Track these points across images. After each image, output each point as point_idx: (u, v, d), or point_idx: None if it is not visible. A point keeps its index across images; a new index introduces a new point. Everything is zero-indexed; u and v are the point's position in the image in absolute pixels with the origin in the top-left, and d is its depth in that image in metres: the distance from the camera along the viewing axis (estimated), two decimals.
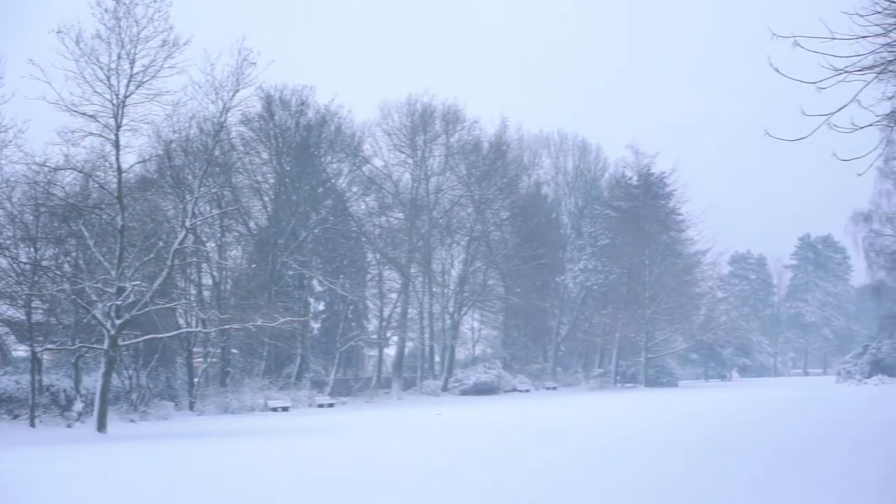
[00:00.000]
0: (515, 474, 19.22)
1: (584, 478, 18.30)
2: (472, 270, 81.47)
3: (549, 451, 24.63)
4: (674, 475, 18.38)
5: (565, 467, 20.41)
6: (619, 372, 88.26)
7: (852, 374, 77.03)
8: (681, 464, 20.39)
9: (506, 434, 31.90)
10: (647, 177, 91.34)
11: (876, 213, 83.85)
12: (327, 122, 69.16)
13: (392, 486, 18.16)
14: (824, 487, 15.78)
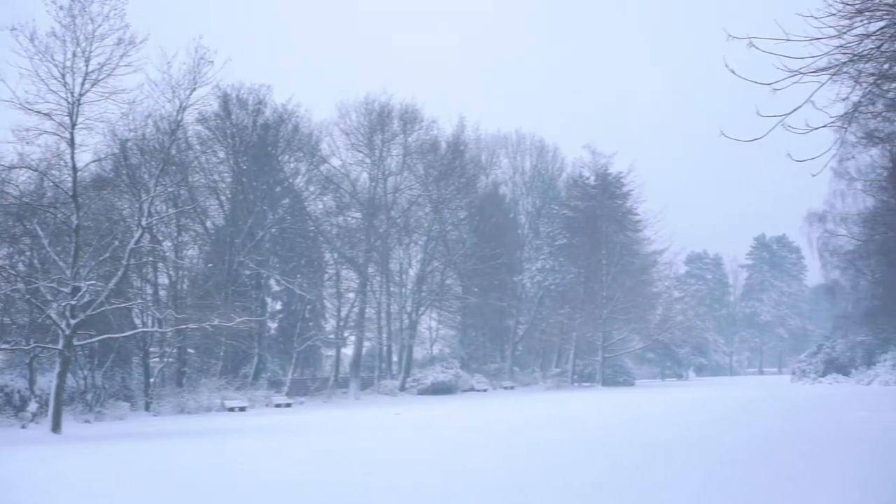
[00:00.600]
0: (464, 473, 19.21)
1: (531, 476, 18.33)
2: (429, 270, 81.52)
3: (499, 449, 24.65)
4: (624, 473, 18.45)
5: (514, 465, 20.43)
6: (576, 371, 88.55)
7: (807, 373, 77.65)
8: (631, 462, 20.47)
9: (461, 433, 31.91)
10: (604, 177, 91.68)
11: (830, 213, 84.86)
12: (285, 122, 68.88)
13: (345, 485, 18.10)
14: (781, 486, 15.89)
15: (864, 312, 77.06)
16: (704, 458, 20.99)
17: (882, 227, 62.47)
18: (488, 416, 42.98)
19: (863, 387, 65.12)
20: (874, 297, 75.35)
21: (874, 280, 74.74)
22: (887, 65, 16.98)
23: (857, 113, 17.53)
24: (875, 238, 67.86)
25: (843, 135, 16.34)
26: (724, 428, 29.90)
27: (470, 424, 37.09)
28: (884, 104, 24.39)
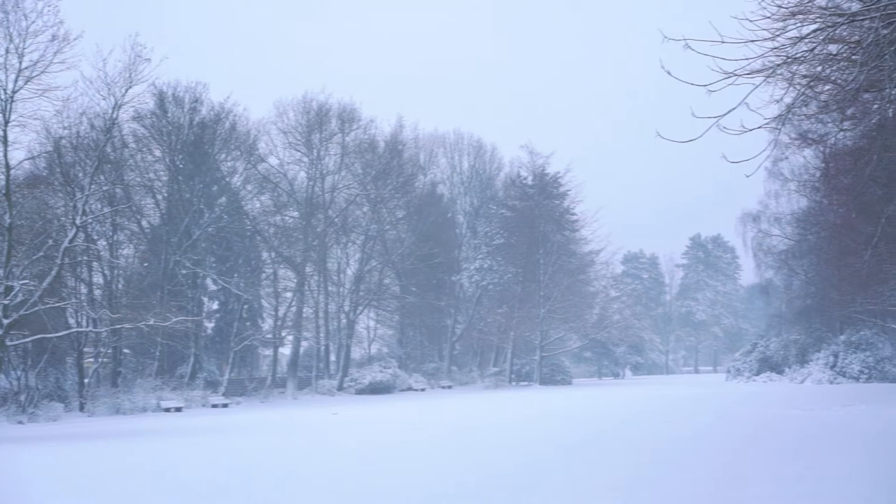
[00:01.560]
0: (392, 475, 19.22)
1: (458, 475, 18.37)
2: (367, 269, 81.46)
3: (431, 448, 24.68)
4: (540, 471, 18.52)
5: (441, 463, 20.47)
6: (513, 370, 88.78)
7: (741, 371, 78.33)
8: (549, 460, 20.56)
9: (397, 433, 31.89)
10: (541, 177, 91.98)
11: (764, 213, 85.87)
12: (222, 120, 68.52)
13: (278, 486, 18.04)
14: (702, 484, 16.04)
15: (798, 311, 78.01)
16: (629, 454, 21.13)
17: (815, 227, 63.20)
18: (423, 415, 42.98)
19: (796, 385, 65.85)
20: (807, 296, 76.29)
21: (807, 279, 75.66)
22: (820, 67, 17.22)
23: (790, 114, 17.74)
24: (808, 238, 68.68)
25: (777, 136, 16.52)
26: (658, 425, 30.10)
27: (406, 424, 37.07)
28: (816, 106, 24.72)
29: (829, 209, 53.74)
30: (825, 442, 22.47)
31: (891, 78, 14.33)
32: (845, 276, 50.62)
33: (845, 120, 27.08)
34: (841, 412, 32.88)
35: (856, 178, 37.41)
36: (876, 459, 18.12)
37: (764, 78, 15.11)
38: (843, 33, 16.02)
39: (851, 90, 16.75)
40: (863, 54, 14.39)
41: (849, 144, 40.61)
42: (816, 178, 56.87)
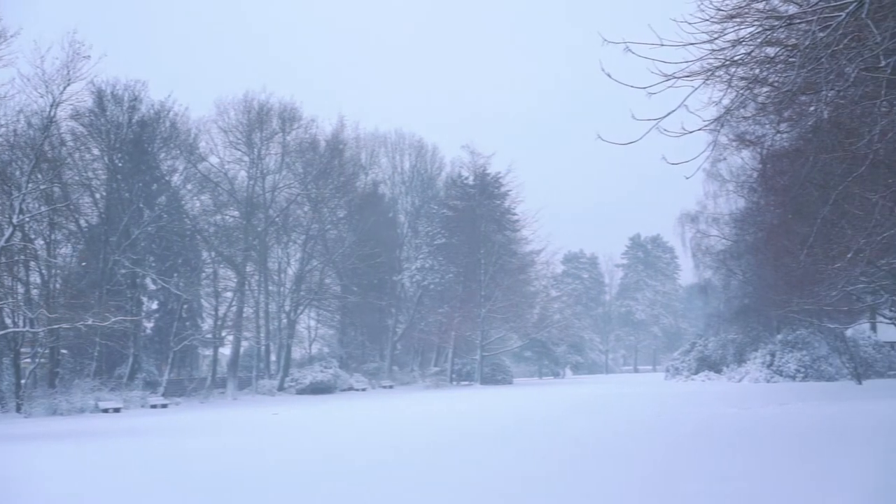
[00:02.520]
0: (334, 474, 19.23)
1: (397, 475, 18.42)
2: (308, 269, 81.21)
3: (368, 448, 24.70)
4: (466, 468, 18.61)
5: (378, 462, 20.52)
6: (454, 370, 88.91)
7: (680, 370, 79.01)
8: (469, 457, 20.67)
9: (335, 433, 31.85)
10: (482, 177, 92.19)
11: (702, 214, 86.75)
12: (161, 119, 68.05)
13: (211, 486, 17.97)
14: (641, 480, 16.19)
15: (736, 311, 78.72)
16: (566, 449, 21.25)
17: (752, 227, 63.83)
18: (363, 415, 42.97)
19: (734, 384, 66.55)
20: (745, 296, 77.02)
21: (745, 279, 76.39)
22: (758, 69, 17.44)
23: (728, 116, 17.96)
24: (745, 238, 69.34)
25: (716, 137, 16.73)
26: (597, 422, 30.30)
27: (345, 423, 37.04)
28: (754, 108, 25.03)
29: (766, 210, 54.33)
30: (762, 440, 22.76)
31: (827, 80, 14.54)
32: (782, 276, 51.13)
33: (782, 122, 27.44)
34: (778, 410, 33.31)
35: (792, 180, 37.88)
36: (811, 456, 18.39)
37: (703, 80, 15.30)
38: (781, 36, 16.25)
39: (788, 92, 17.00)
40: (800, 57, 14.60)
41: (785, 146, 41.12)
42: (754, 179, 57.52)
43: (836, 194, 25.40)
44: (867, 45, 13.74)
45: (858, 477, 15.10)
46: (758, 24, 15.44)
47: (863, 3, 12.59)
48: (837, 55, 14.14)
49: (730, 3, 16.03)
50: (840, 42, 13.74)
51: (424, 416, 39.93)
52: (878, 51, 13.55)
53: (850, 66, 14.29)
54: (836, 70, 14.55)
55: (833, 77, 14.64)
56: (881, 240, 30.44)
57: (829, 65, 14.18)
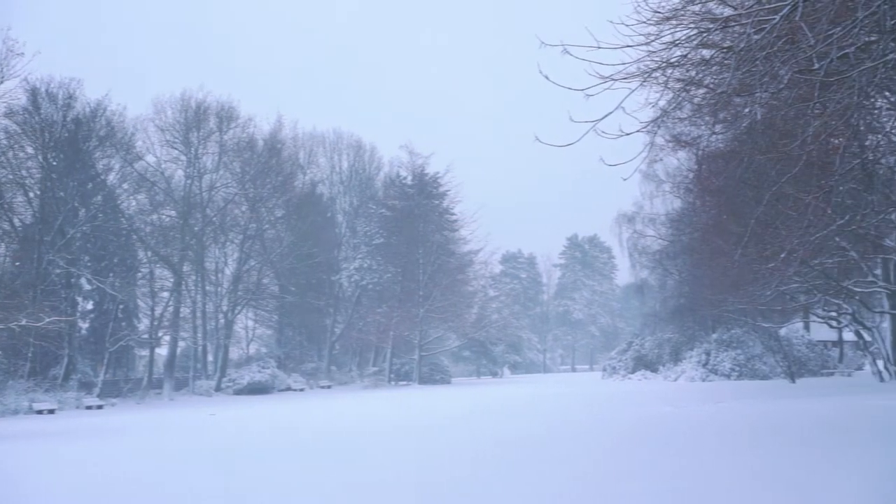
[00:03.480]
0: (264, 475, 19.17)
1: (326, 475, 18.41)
2: (246, 269, 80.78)
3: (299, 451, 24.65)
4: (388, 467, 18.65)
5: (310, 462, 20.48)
6: (393, 370, 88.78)
7: (617, 369, 79.50)
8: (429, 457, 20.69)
9: (271, 433, 31.73)
10: (421, 177, 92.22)
11: (639, 214, 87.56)
12: (97, 117, 67.35)
13: (143, 488, 17.86)
14: (581, 480, 16.26)
15: (672, 310, 79.37)
16: (506, 449, 21.30)
17: (688, 227, 64.45)
18: (300, 415, 42.82)
19: (670, 382, 67.11)
20: (681, 295, 77.66)
21: (681, 279, 77.03)
22: (694, 71, 17.63)
23: (665, 118, 18.14)
24: (681, 238, 69.97)
25: (653, 139, 16.90)
26: (535, 422, 30.40)
27: (280, 424, 36.89)
28: (690, 109, 25.30)
29: (702, 210, 54.87)
30: (699, 438, 22.98)
31: (761, 82, 14.74)
32: (717, 275, 51.69)
33: (718, 123, 27.77)
34: (714, 409, 33.62)
35: (727, 180, 38.32)
36: (748, 453, 18.60)
37: (640, 82, 15.42)
38: (716, 38, 16.43)
39: (723, 94, 17.21)
40: (734, 59, 14.77)
41: (721, 147, 41.57)
42: (690, 179, 58.12)
43: (770, 195, 25.75)
44: (801, 47, 13.94)
45: (795, 474, 15.30)
46: (693, 26, 15.62)
47: (796, 5, 12.78)
48: (772, 57, 14.33)
49: (666, 5, 16.20)
50: (774, 44, 13.93)
51: (359, 416, 39.87)
52: (811, 53, 13.75)
53: (784, 69, 14.49)
54: (770, 72, 14.75)
55: (767, 79, 14.83)
56: (814, 240, 30.87)
57: (763, 67, 14.37)
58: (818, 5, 14.10)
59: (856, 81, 15.11)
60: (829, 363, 71.48)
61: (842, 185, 28.91)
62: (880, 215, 35.12)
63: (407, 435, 27.86)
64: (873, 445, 18.78)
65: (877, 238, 38.53)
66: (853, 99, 16.28)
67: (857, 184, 32.55)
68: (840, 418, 25.95)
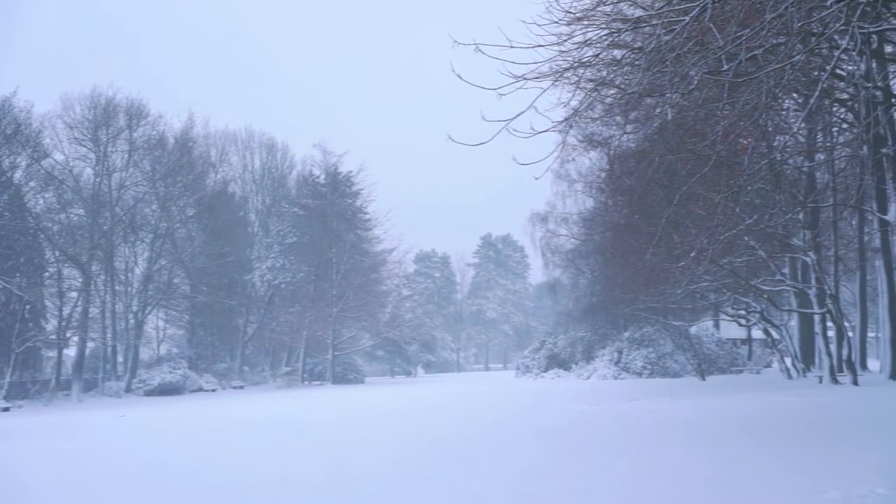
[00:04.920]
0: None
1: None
2: (156, 269, 79.76)
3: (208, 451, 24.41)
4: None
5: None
6: (306, 370, 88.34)
7: (530, 368, 79.82)
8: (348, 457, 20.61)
9: (179, 434, 31.39)
10: (334, 175, 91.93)
11: (552, 213, 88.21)
12: (4, 114, 66.03)
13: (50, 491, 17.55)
14: (496, 479, 16.25)
15: (584, 309, 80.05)
16: (427, 449, 21.26)
17: (600, 227, 65.08)
18: (210, 416, 42.44)
19: (582, 381, 67.54)
20: (593, 294, 78.37)
21: (593, 278, 77.73)
22: (605, 72, 17.74)
23: (577, 118, 18.22)
24: (593, 238, 70.64)
25: (565, 138, 16.98)
26: (452, 421, 30.40)
27: (193, 425, 36.51)
28: (602, 109, 25.48)
29: (614, 210, 55.42)
30: (613, 436, 23.11)
31: (672, 83, 14.85)
32: (629, 274, 52.20)
33: (629, 123, 28.02)
34: (626, 407, 33.87)
35: (638, 180, 38.69)
36: (659, 451, 18.74)
37: (552, 82, 15.48)
38: (627, 39, 16.55)
39: (634, 94, 17.33)
40: (645, 60, 14.87)
41: (632, 147, 42.02)
42: (601, 179, 58.64)
43: (681, 195, 26.02)
44: (710, 49, 14.07)
45: (708, 470, 15.43)
46: (604, 26, 15.70)
47: (706, 7, 12.89)
48: (682, 58, 14.45)
49: (578, 6, 16.27)
50: (684, 46, 14.05)
51: (269, 416, 39.61)
52: (720, 54, 13.88)
53: (694, 70, 14.62)
54: (680, 73, 14.87)
55: (677, 80, 14.95)
56: (723, 239, 31.27)
57: (673, 68, 14.48)
58: (727, 7, 14.25)
59: (764, 82, 15.30)
60: (738, 361, 72.50)
61: (750, 184, 29.32)
62: (788, 215, 35.73)
63: (318, 433, 27.69)
64: (783, 441, 19.03)
65: (784, 237, 39.16)
66: (761, 100, 16.49)
67: (765, 184, 33.06)
68: (750, 415, 26.28)
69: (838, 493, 12.01)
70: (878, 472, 13.58)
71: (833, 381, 39.88)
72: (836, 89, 33.43)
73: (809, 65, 20.66)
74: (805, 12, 14.14)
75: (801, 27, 14.04)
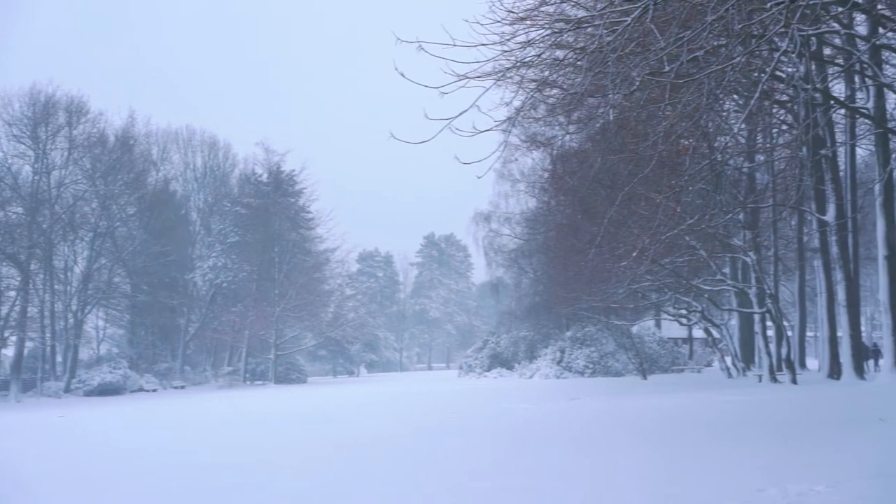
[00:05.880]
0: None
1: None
2: (97, 267, 78.95)
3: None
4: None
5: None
6: (248, 370, 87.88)
7: (473, 367, 79.91)
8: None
9: (122, 435, 31.11)
10: (277, 174, 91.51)
11: (495, 213, 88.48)
12: None
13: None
14: (436, 477, 16.24)
15: (527, 309, 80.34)
16: (364, 449, 21.22)
17: (543, 226, 65.37)
18: (146, 416, 42.09)
19: (525, 380, 67.72)
20: (536, 294, 78.65)
21: (536, 278, 77.99)
22: (548, 72, 17.78)
23: (519, 117, 18.26)
24: (536, 237, 70.92)
25: (507, 138, 16.98)
26: (391, 420, 30.35)
27: (133, 425, 36.19)
28: (545, 109, 25.54)
29: (557, 210, 55.67)
30: (554, 435, 23.15)
31: (614, 84, 14.91)
32: (571, 274, 52.42)
33: (571, 123, 28.13)
34: (567, 406, 33.98)
35: (581, 180, 38.84)
36: (601, 450, 18.81)
37: (494, 81, 15.49)
38: (570, 39, 16.60)
39: (577, 94, 17.39)
40: (587, 60, 14.92)
41: (575, 147, 42.18)
42: (544, 179, 58.86)
43: (623, 195, 26.13)
44: (652, 50, 14.15)
45: (649, 468, 15.50)
46: (547, 26, 15.74)
47: (647, 8, 12.95)
48: (624, 59, 14.51)
49: (521, 5, 16.30)
50: (626, 47, 14.11)
51: (212, 415, 39.35)
52: (662, 55, 13.96)
53: (636, 71, 14.69)
54: (622, 74, 14.94)
55: (620, 80, 15.02)
56: (665, 239, 31.49)
57: (615, 68, 14.54)
58: (669, 9, 14.33)
59: (705, 84, 15.41)
60: (679, 360, 73.15)
61: (691, 185, 29.56)
62: (728, 215, 36.06)
63: (257, 433, 27.55)
64: (723, 439, 19.18)
65: (725, 237, 39.55)
66: (702, 101, 16.61)
67: (706, 184, 33.31)
68: (690, 414, 26.46)
69: (777, 491, 12.11)
70: (817, 469, 13.71)
71: (772, 380, 40.34)
72: (776, 91, 33.75)
73: (750, 66, 20.85)
74: (745, 14, 14.26)
75: (742, 29, 14.15)
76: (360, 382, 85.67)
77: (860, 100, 37.27)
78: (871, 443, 16.68)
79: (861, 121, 39.46)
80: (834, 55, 35.24)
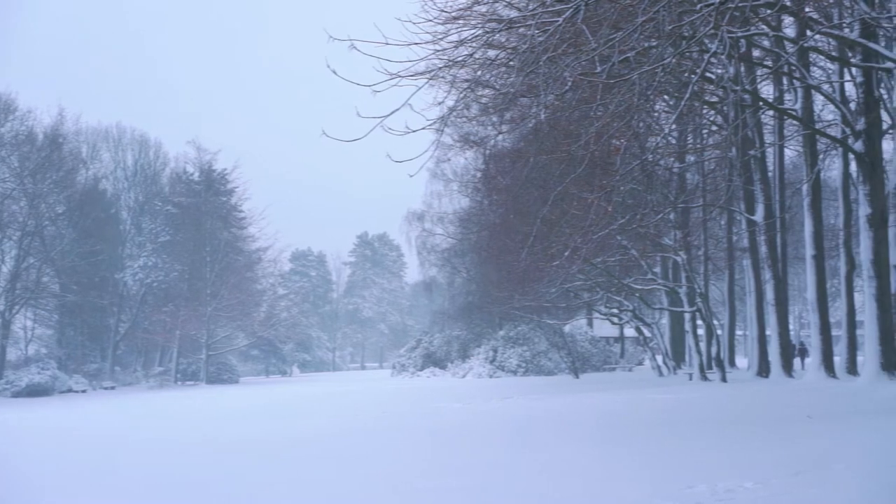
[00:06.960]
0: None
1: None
2: (24, 267, 77.82)
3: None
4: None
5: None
6: (179, 370, 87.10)
7: (406, 367, 79.89)
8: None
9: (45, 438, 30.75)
10: (208, 173, 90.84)
11: (428, 212, 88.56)
12: None
13: None
14: (370, 478, 16.24)
15: (460, 308, 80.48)
16: (299, 449, 21.15)
17: (476, 226, 65.50)
18: (76, 418, 41.64)
19: (458, 379, 67.83)
20: (469, 293, 78.84)
21: (469, 277, 78.21)
22: (480, 71, 17.83)
23: (452, 116, 18.30)
24: (469, 237, 71.07)
25: (440, 137, 16.97)
26: (320, 421, 30.26)
27: (59, 427, 35.79)
28: (478, 109, 25.62)
29: (489, 209, 55.82)
30: (487, 433, 23.23)
31: (546, 84, 14.98)
32: (504, 273, 52.61)
33: (504, 123, 28.21)
34: (500, 404, 34.10)
35: (514, 180, 39.01)
36: (535, 447, 18.90)
37: (427, 80, 15.50)
38: (502, 39, 16.67)
39: (509, 94, 17.47)
40: (519, 60, 14.99)
41: (507, 147, 42.35)
42: (477, 179, 59.04)
43: (555, 194, 26.27)
44: (583, 50, 14.24)
45: (582, 465, 15.59)
46: (480, 26, 15.78)
47: (578, 9, 13.03)
48: (556, 60, 14.59)
49: (453, 5, 16.33)
50: (558, 47, 14.18)
51: (142, 416, 39.05)
52: (593, 56, 14.05)
53: (568, 71, 14.78)
54: (554, 74, 15.02)
55: (552, 81, 15.09)
56: (596, 238, 31.69)
57: (547, 69, 14.61)
58: (600, 10, 14.43)
59: (636, 84, 15.53)
60: (611, 359, 73.72)
61: (623, 185, 29.74)
62: (659, 215, 36.36)
63: (190, 433, 27.35)
64: (653, 437, 19.35)
65: (656, 237, 39.91)
66: (633, 101, 16.74)
67: (637, 184, 33.58)
68: (621, 411, 26.68)
69: (706, 487, 12.25)
70: (745, 466, 13.89)
71: (703, 378, 40.78)
72: (706, 92, 34.15)
73: (680, 68, 21.07)
74: (676, 16, 14.39)
75: (672, 30, 14.28)
76: (293, 382, 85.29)
77: (788, 101, 37.85)
78: (799, 439, 16.91)
79: (789, 122, 40.03)
80: (763, 57, 35.68)
